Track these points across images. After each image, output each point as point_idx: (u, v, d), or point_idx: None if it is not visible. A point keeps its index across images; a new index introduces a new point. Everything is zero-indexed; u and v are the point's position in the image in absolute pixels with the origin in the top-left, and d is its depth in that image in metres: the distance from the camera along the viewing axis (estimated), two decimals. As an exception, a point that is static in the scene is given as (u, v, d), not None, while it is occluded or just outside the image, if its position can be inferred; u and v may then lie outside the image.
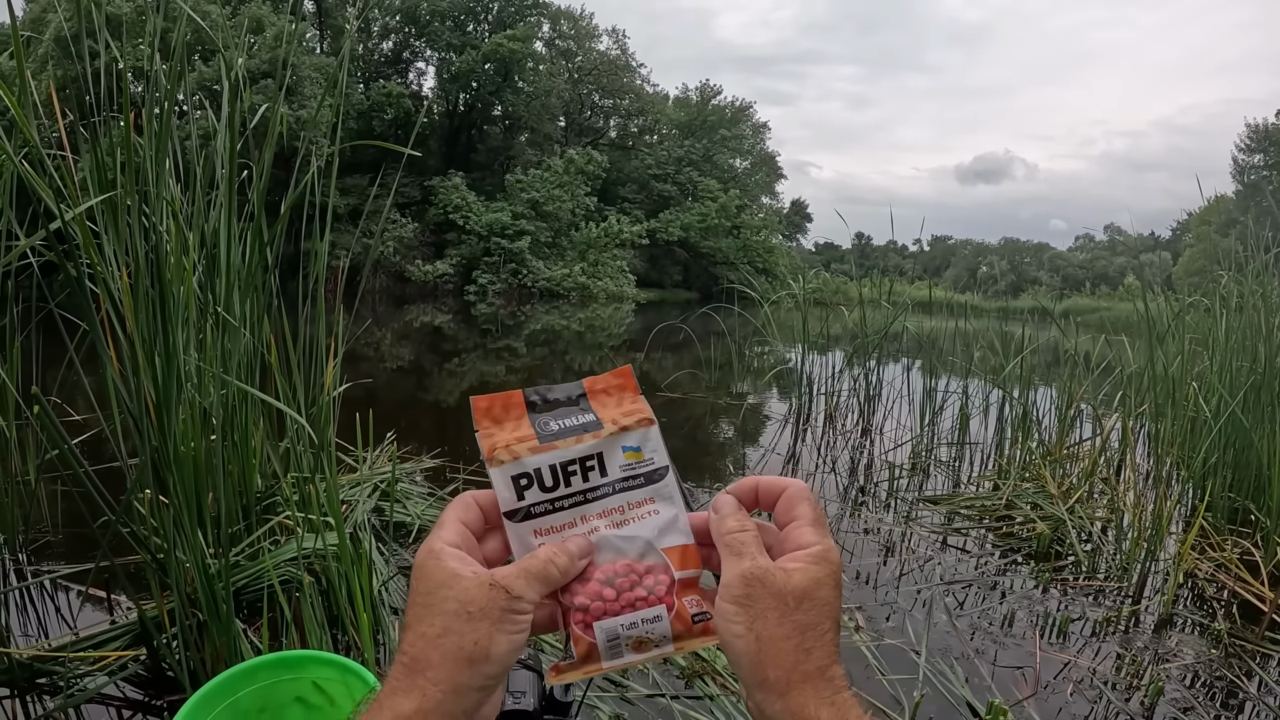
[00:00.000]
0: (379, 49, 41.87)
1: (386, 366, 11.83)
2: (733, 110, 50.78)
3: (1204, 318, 6.32)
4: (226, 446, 2.77)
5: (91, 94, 2.55)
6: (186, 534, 2.26)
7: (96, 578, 3.08)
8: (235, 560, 2.70)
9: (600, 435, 0.70)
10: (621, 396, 0.74)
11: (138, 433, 2.25)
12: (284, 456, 3.34)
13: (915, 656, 3.05)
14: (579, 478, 0.69)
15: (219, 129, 2.90)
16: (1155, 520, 4.19)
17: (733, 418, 8.05)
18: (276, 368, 3.04)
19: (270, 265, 3.02)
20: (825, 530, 0.67)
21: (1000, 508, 4.90)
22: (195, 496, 2.40)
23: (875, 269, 15.41)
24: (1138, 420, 6.04)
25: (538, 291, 34.40)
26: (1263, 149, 50.51)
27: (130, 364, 2.24)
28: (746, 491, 0.71)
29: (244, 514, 2.99)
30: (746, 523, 0.67)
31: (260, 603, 2.60)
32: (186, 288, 2.57)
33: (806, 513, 0.67)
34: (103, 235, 2.40)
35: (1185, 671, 3.18)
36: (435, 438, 6.09)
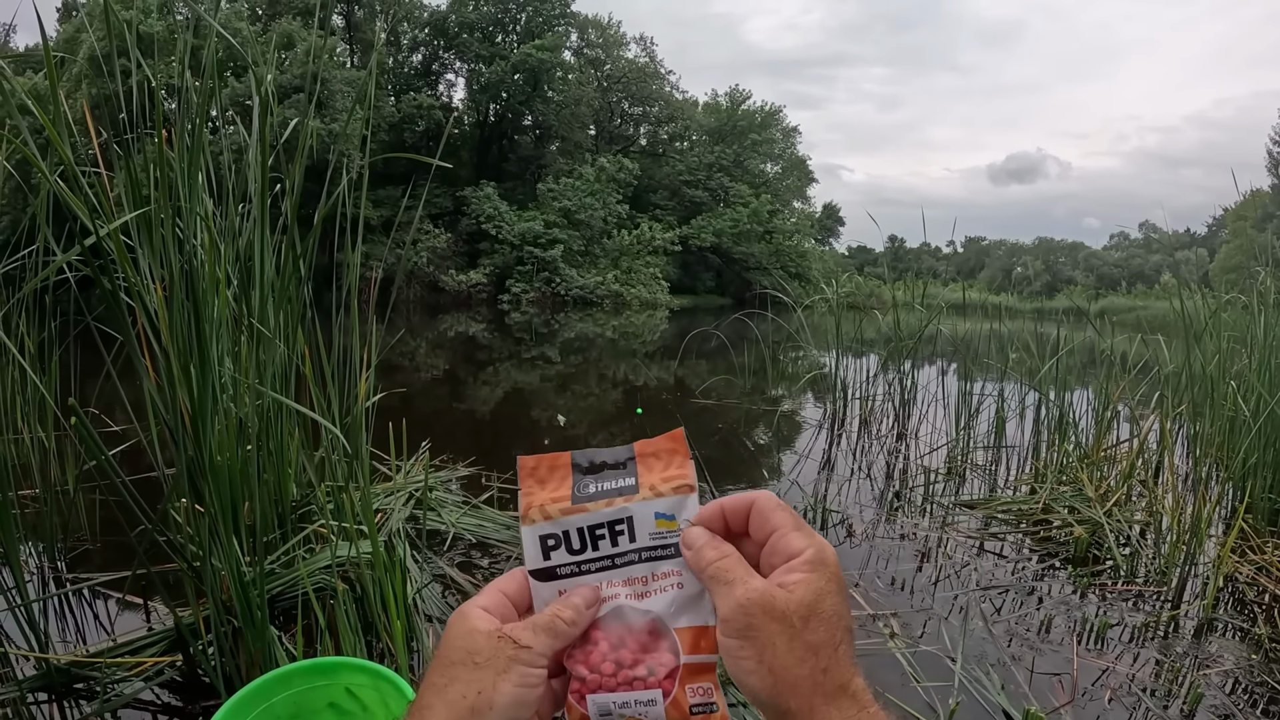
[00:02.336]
0: (409, 62, 42.27)
1: (421, 376, 11.89)
2: (763, 115, 50.69)
3: (1242, 315, 6.23)
4: (262, 456, 2.80)
5: (125, 111, 2.59)
6: (222, 542, 2.29)
7: (133, 585, 3.13)
8: (271, 568, 2.73)
9: (633, 499, 0.68)
10: (670, 460, 0.71)
11: (174, 443, 2.28)
12: (319, 465, 3.38)
13: (951, 663, 3.02)
14: (607, 541, 0.67)
15: (250, 143, 2.94)
16: (1194, 523, 4.13)
17: (767, 423, 8.03)
18: (311, 378, 3.08)
19: (304, 276, 3.05)
20: (810, 531, 0.63)
21: (1037, 511, 4.85)
22: (231, 505, 2.43)
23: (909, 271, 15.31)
24: (1176, 421, 5.96)
25: (571, 299, 34.52)
26: (1299, 140, 49.74)
27: (166, 376, 2.27)
28: (714, 518, 0.66)
29: (279, 522, 3.02)
30: (724, 547, 0.64)
31: (295, 609, 2.63)
32: (221, 300, 2.60)
33: (784, 519, 0.64)
34: (138, 250, 2.44)
35: (1225, 677, 3.13)
36: (470, 446, 6.12)
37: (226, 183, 2.88)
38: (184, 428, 2.26)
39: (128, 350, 2.28)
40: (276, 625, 2.60)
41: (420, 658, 2.71)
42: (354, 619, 2.47)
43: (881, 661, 3.03)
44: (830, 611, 0.59)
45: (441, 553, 3.73)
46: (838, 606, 0.59)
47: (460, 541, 3.89)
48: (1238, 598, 3.94)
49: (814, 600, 0.59)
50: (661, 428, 2.97)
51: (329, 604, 2.61)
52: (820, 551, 0.61)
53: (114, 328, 2.32)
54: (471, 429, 7.92)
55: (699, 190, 45.59)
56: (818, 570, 0.60)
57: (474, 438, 7.37)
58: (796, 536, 0.62)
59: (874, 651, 3.10)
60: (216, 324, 2.53)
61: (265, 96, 2.81)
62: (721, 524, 0.66)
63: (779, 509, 0.64)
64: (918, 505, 5.25)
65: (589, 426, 8.20)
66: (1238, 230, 46.67)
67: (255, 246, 2.92)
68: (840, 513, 4.96)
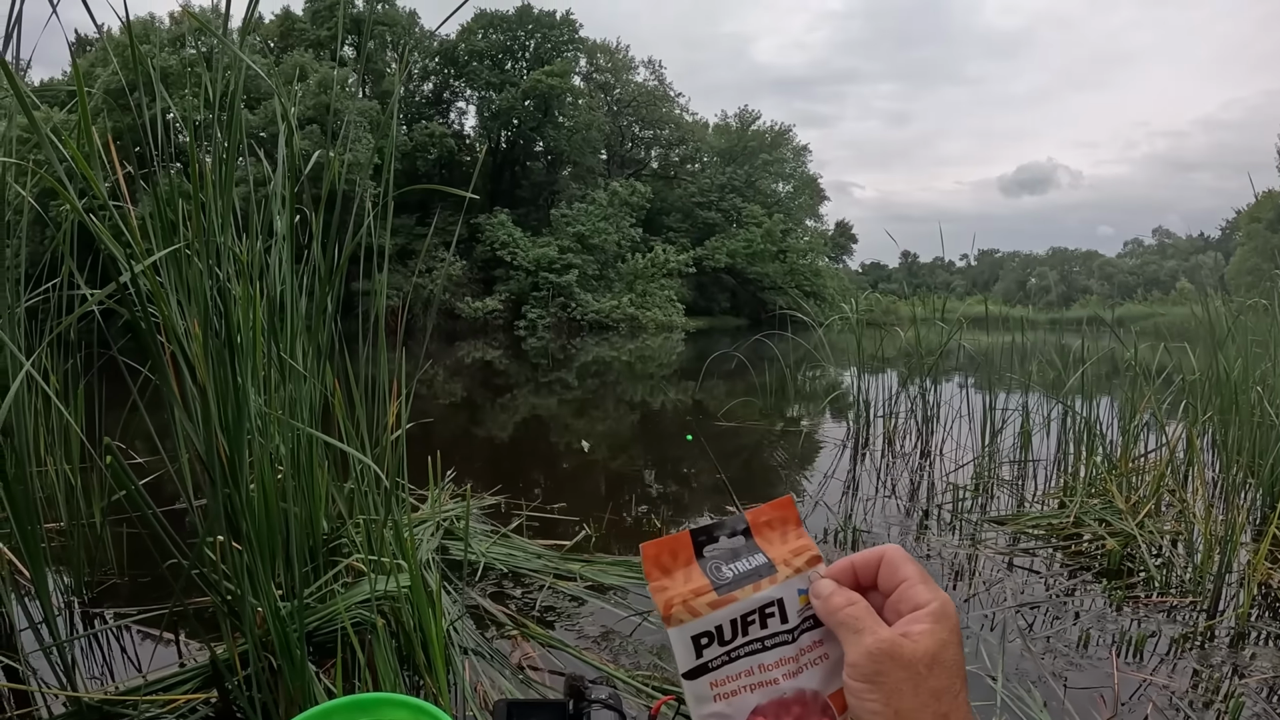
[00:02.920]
0: (420, 90, 42.58)
1: (440, 403, 11.92)
2: (772, 135, 50.80)
3: (1263, 318, 6.18)
4: (294, 490, 2.80)
5: (145, 143, 2.61)
6: (259, 579, 2.29)
7: (167, 621, 3.12)
8: (306, 603, 2.73)
9: (776, 580, 0.67)
10: (785, 531, 0.71)
11: (210, 480, 2.29)
12: (349, 498, 3.38)
13: (991, 682, 2.99)
14: (757, 626, 0.66)
15: (274, 177, 2.96)
16: (1227, 531, 4.08)
17: (790, 444, 8.01)
18: (341, 411, 3.08)
19: (333, 311, 3.07)
20: (935, 584, 0.65)
21: (1068, 525, 4.81)
22: (267, 540, 2.43)
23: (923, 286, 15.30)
24: (1203, 428, 5.91)
25: (587, 324, 34.55)
26: (1307, 138, 49.56)
27: (202, 413, 2.28)
28: (843, 571, 0.68)
29: (311, 556, 3.02)
30: (853, 596, 0.65)
31: (331, 644, 2.63)
32: (255, 336, 2.61)
33: (912, 571, 0.66)
34: (167, 285, 2.45)
35: (1264, 685, 3.10)
36: (491, 473, 6.12)
37: (251, 215, 2.90)
38: (220, 464, 2.26)
39: (155, 383, 2.29)
40: (313, 661, 2.59)
41: (457, 692, 2.69)
42: (391, 654, 2.46)
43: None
44: (951, 660, 0.61)
45: (473, 584, 3.72)
46: (957, 656, 0.62)
47: (491, 571, 3.89)
48: (1272, 604, 3.90)
49: (937, 650, 0.61)
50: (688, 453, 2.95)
51: (367, 639, 2.60)
52: (944, 605, 0.63)
53: (146, 365, 2.33)
54: (492, 455, 7.93)
55: (711, 212, 45.68)
56: (941, 622, 0.62)
57: (495, 464, 7.37)
58: (923, 589, 0.64)
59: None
60: (250, 360, 2.54)
61: (290, 127, 2.84)
62: (851, 577, 0.68)
63: (907, 562, 0.66)
64: (946, 523, 5.21)
65: (610, 451, 8.20)
66: (1252, 232, 46.46)
67: (283, 281, 2.94)
68: (868, 532, 4.93)
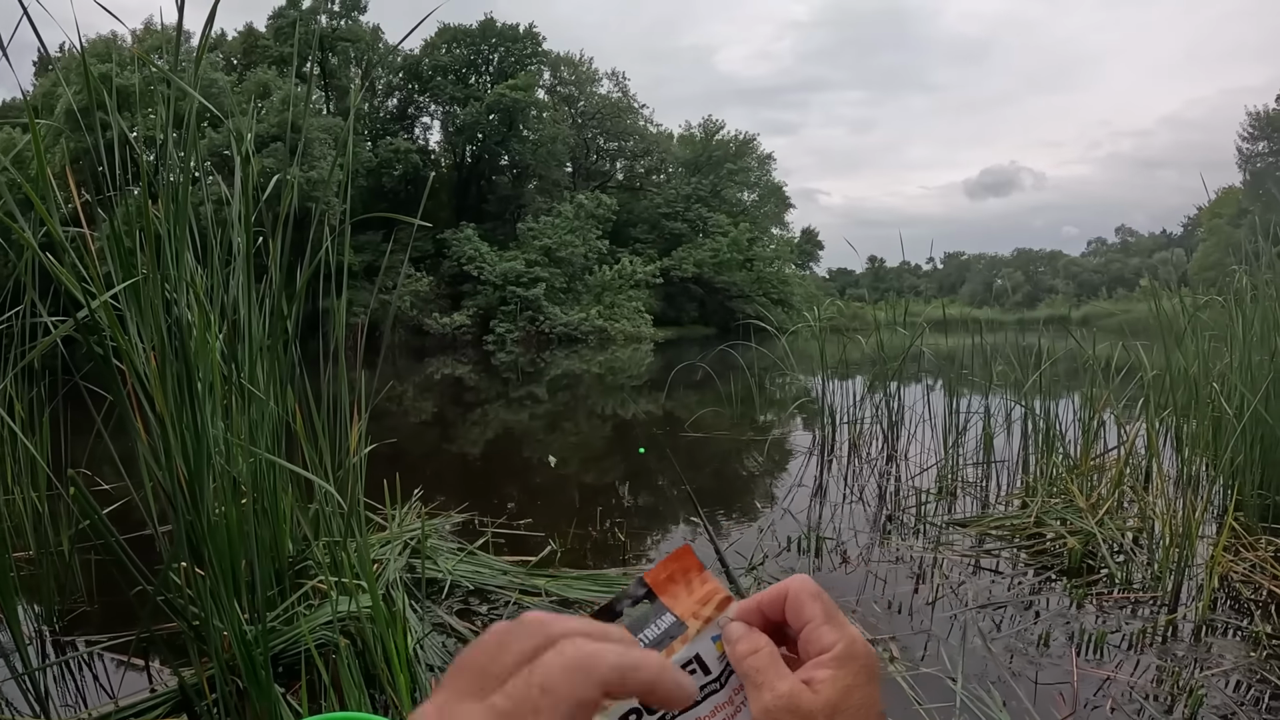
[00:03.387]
0: (384, 106, 42.49)
1: (410, 420, 11.89)
2: (737, 144, 50.96)
3: (1222, 314, 6.28)
4: (257, 513, 2.81)
5: (105, 165, 2.62)
6: (223, 603, 2.30)
7: (135, 647, 3.11)
8: (271, 625, 2.73)
9: (689, 638, 0.64)
10: (689, 581, 0.67)
11: (172, 507, 2.30)
12: (314, 520, 3.38)
13: (951, 683, 3.04)
14: None
15: (233, 199, 2.97)
16: (1185, 525, 4.16)
17: (758, 452, 8.05)
18: (302, 434, 3.09)
19: (292, 334, 3.08)
20: (841, 621, 0.63)
21: (1030, 526, 4.88)
22: (230, 566, 2.44)
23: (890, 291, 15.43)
24: (1163, 425, 6.00)
25: (556, 337, 34.50)
26: (1266, 135, 50.26)
27: (161, 441, 2.29)
28: (750, 613, 0.66)
29: (277, 579, 3.02)
30: (757, 642, 0.63)
31: (298, 666, 2.63)
32: (212, 362, 2.62)
33: (816, 611, 0.63)
34: (125, 312, 2.46)
35: (1226, 677, 3.16)
36: (462, 489, 6.12)
37: (210, 237, 2.91)
38: (181, 492, 2.27)
39: (118, 411, 2.30)
40: (279, 682, 2.60)
41: (424, 708, 2.69)
42: (357, 674, 2.48)
43: (884, 687, 3.03)
44: (858, 704, 0.58)
45: (440, 601, 3.73)
46: (865, 699, 0.59)
47: (458, 589, 3.89)
48: (1234, 597, 3.98)
49: (840, 698, 0.58)
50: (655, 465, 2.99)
51: (331, 660, 2.61)
52: (849, 646, 0.61)
53: (105, 389, 2.33)
54: (463, 472, 7.92)
55: (678, 222, 45.76)
56: (845, 665, 0.60)
57: (465, 481, 7.37)
58: (827, 630, 0.62)
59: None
60: (208, 387, 2.55)
61: (246, 153, 2.85)
62: (759, 617, 0.66)
63: (811, 600, 0.64)
64: (911, 527, 5.27)
65: (581, 464, 8.22)
66: (1214, 228, 47.08)
67: (241, 303, 2.95)
68: (835, 539, 4.98)
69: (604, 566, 4.35)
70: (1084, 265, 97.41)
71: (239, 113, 17.88)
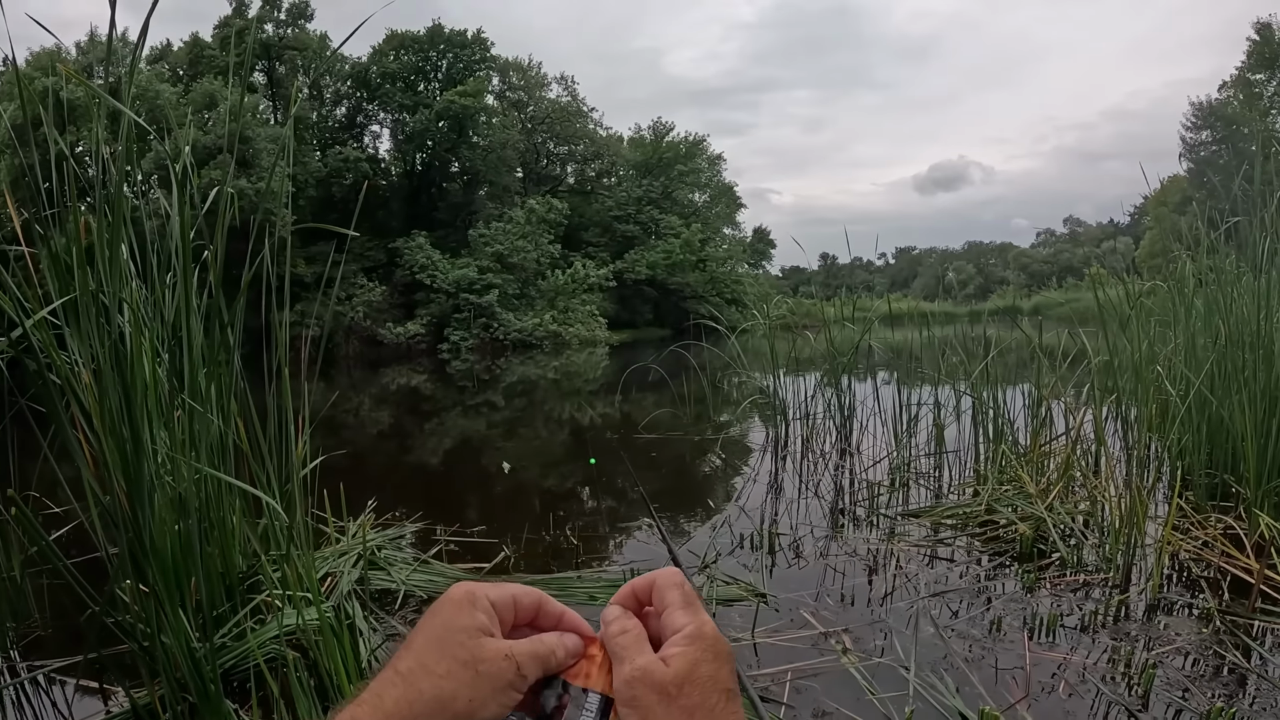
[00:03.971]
0: (332, 115, 42.06)
1: (367, 431, 11.80)
2: (687, 145, 51.00)
3: (1167, 299, 6.40)
4: (204, 529, 2.78)
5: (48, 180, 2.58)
6: (169, 620, 2.27)
7: (87, 669, 3.07)
8: (222, 641, 2.71)
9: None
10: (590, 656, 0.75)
11: (114, 525, 2.27)
12: (263, 535, 3.35)
13: (905, 672, 3.06)
14: None
15: (172, 213, 2.94)
16: (1134, 507, 4.23)
17: (714, 451, 8.08)
18: (247, 448, 3.06)
19: (233, 344, 3.04)
20: (695, 609, 0.72)
21: (981, 514, 4.93)
22: (176, 582, 2.41)
23: (843, 287, 15.51)
24: (1111, 409, 6.10)
25: (511, 343, 34.32)
26: (1208, 125, 51.11)
27: (101, 458, 2.26)
28: (626, 597, 0.76)
29: (228, 595, 2.99)
30: (627, 624, 0.72)
31: (250, 682, 2.61)
32: (151, 378, 2.59)
33: (675, 598, 0.72)
34: (65, 330, 2.42)
35: (1179, 654, 3.22)
36: (421, 499, 6.09)
37: (149, 253, 2.87)
38: (122, 509, 2.24)
39: (55, 425, 2.27)
40: (233, 698, 2.58)
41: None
42: (308, 686, 2.46)
43: (836, 679, 3.06)
44: (705, 677, 0.67)
45: (394, 612, 3.70)
46: (713, 673, 0.67)
47: (412, 599, 3.87)
48: (1185, 575, 4.05)
49: (689, 670, 0.67)
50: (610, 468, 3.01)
51: (282, 673, 2.59)
52: (699, 628, 0.70)
53: (47, 408, 2.30)
54: (422, 482, 7.88)
55: (630, 225, 45.74)
56: (695, 643, 0.68)
57: (425, 490, 7.33)
58: (680, 614, 0.71)
59: (827, 669, 3.14)
60: (147, 402, 2.52)
61: (184, 167, 2.82)
62: (634, 601, 0.76)
63: (672, 588, 0.74)
64: (864, 519, 5.31)
65: (537, 470, 8.20)
66: (1160, 216, 47.79)
67: (183, 316, 2.91)
68: (791, 534, 5.01)
69: (558, 570, 4.35)
70: (1034, 256, 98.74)
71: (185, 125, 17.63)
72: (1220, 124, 50.08)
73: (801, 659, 3.22)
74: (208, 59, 36.37)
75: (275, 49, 38.09)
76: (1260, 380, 4.48)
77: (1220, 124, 50.08)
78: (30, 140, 2.64)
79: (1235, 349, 4.73)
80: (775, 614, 3.70)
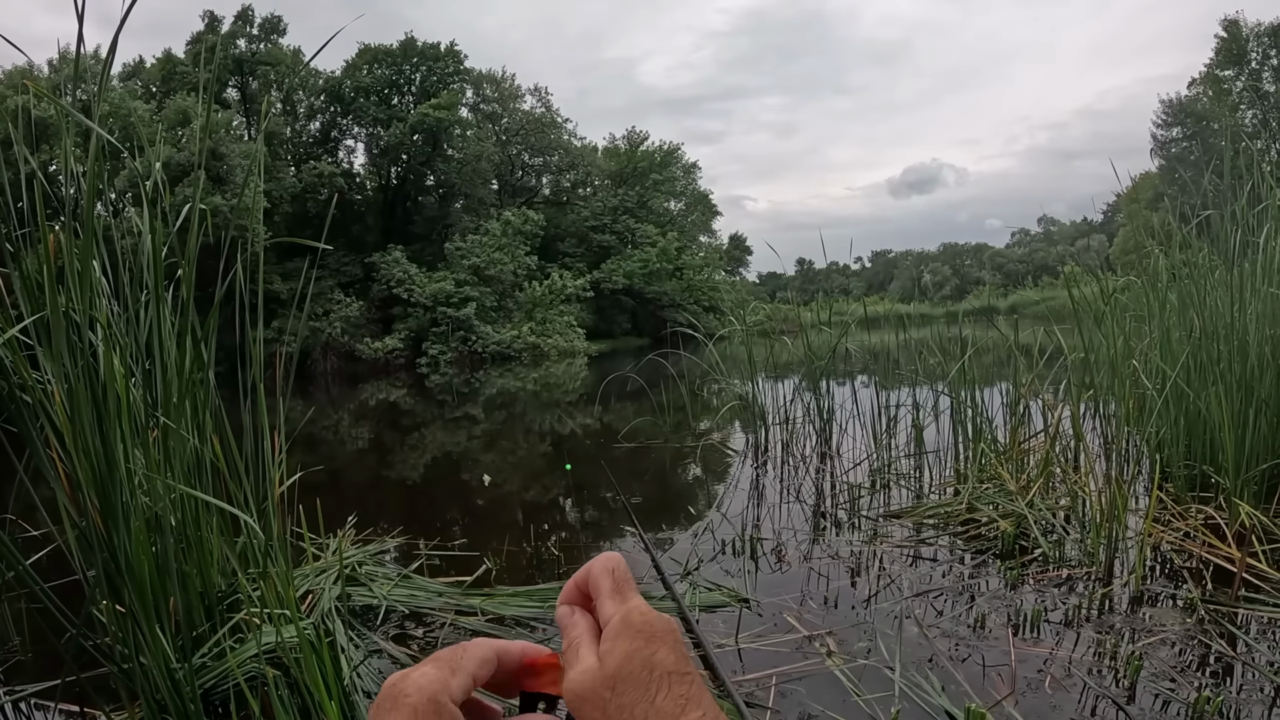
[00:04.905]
0: (307, 130, 41.92)
1: (347, 447, 11.75)
2: (661, 154, 51.21)
3: (1141, 294, 6.45)
4: (182, 548, 2.75)
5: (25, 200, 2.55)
6: (148, 640, 2.25)
7: (66, 693, 3.03)
8: (202, 661, 2.68)
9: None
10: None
11: (89, 546, 2.24)
12: (241, 553, 3.31)
13: (889, 673, 3.06)
14: None
15: (143, 230, 2.91)
16: (1113, 500, 4.25)
17: (694, 459, 8.08)
18: (223, 466, 3.03)
19: (208, 361, 3.02)
20: (624, 594, 0.67)
21: (963, 512, 4.95)
22: (153, 603, 2.38)
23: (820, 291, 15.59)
24: (1089, 405, 6.14)
25: (489, 356, 34.24)
26: (1179, 121, 51.70)
27: (74, 479, 2.24)
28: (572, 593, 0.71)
29: (207, 614, 2.96)
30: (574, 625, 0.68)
31: (230, 701, 2.58)
32: (124, 398, 2.56)
33: (604, 585, 0.68)
34: (37, 350, 2.40)
35: (1164, 644, 3.23)
36: (403, 514, 6.06)
37: (121, 271, 2.85)
38: (96, 529, 2.22)
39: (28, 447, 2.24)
40: (214, 718, 2.55)
41: (362, 736, 2.66)
42: (290, 705, 2.43)
43: (821, 681, 3.06)
44: (639, 668, 0.62)
45: (375, 627, 3.68)
46: (646, 661, 0.62)
47: (394, 614, 3.85)
48: (1167, 566, 4.08)
49: (619, 666, 0.62)
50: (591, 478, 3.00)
51: (263, 692, 2.56)
52: (625, 615, 0.65)
53: (20, 428, 2.28)
54: (404, 496, 7.84)
55: (606, 234, 45.81)
56: (622, 635, 0.64)
57: (407, 505, 7.30)
58: (609, 603, 0.67)
59: (812, 672, 3.13)
60: (120, 421, 2.49)
61: (156, 183, 2.80)
62: (579, 595, 0.70)
63: (603, 575, 0.69)
64: (846, 522, 5.32)
65: (517, 482, 8.18)
66: (1133, 213, 48.28)
67: (156, 334, 2.88)
68: (773, 539, 5.00)
69: (540, 581, 4.33)
70: (1009, 256, 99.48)
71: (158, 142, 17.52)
72: (1190, 120, 50.69)
73: (786, 663, 3.21)
74: (180, 75, 36.16)
75: (248, 64, 37.96)
76: (1236, 371, 4.52)
77: (1190, 120, 50.69)
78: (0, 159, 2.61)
79: (1210, 341, 4.77)
80: (759, 619, 3.69)
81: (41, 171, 2.58)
